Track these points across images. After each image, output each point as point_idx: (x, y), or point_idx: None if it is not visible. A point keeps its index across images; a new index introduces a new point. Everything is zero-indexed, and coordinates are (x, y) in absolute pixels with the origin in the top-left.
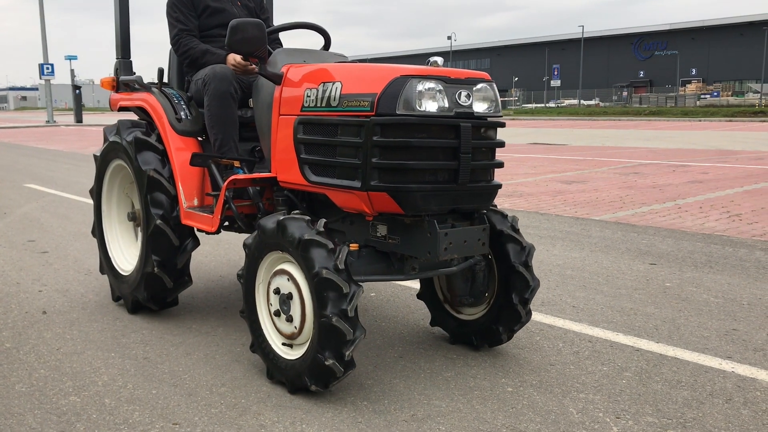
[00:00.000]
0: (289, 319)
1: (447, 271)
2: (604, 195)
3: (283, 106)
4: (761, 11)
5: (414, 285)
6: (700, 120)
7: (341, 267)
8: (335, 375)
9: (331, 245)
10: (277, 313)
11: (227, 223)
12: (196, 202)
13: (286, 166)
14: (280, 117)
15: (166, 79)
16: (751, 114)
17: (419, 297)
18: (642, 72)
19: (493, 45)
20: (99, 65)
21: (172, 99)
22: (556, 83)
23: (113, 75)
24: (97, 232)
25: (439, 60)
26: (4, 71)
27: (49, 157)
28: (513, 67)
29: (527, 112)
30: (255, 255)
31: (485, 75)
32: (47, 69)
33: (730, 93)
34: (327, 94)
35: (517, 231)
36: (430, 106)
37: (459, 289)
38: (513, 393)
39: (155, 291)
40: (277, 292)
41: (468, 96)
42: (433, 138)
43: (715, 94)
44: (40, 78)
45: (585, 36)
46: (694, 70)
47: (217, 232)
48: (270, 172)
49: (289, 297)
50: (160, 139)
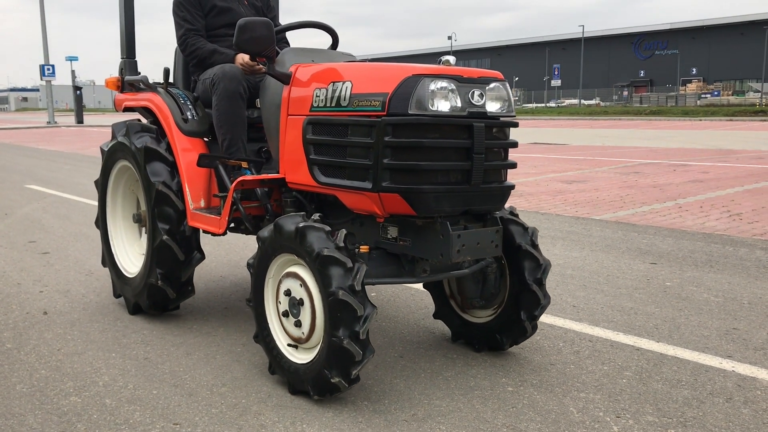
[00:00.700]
0: (298, 324)
1: (458, 274)
2: (604, 194)
3: (292, 106)
4: (762, 10)
5: (416, 284)
6: (700, 119)
7: (358, 288)
8: (339, 390)
9: (350, 264)
10: (286, 314)
11: (233, 225)
12: (202, 203)
13: (294, 166)
14: (288, 117)
15: (171, 79)
16: (752, 113)
17: (425, 287)
18: (642, 71)
19: (494, 45)
20: (100, 66)
21: (178, 99)
22: (556, 83)
23: (118, 75)
24: (101, 224)
25: (452, 59)
26: (5, 72)
27: (50, 158)
28: (513, 67)
29: (528, 111)
30: (269, 251)
31: (498, 74)
32: (48, 70)
33: (730, 92)
34: (337, 93)
35: (536, 247)
36: (442, 105)
37: (470, 291)
38: (513, 392)
39: (157, 300)
40: (288, 293)
41: (481, 95)
42: (446, 138)
43: (716, 93)
44: (41, 79)
45: (585, 36)
46: (694, 69)
47: (224, 233)
48: (278, 172)
49: (300, 303)
50: (169, 147)
